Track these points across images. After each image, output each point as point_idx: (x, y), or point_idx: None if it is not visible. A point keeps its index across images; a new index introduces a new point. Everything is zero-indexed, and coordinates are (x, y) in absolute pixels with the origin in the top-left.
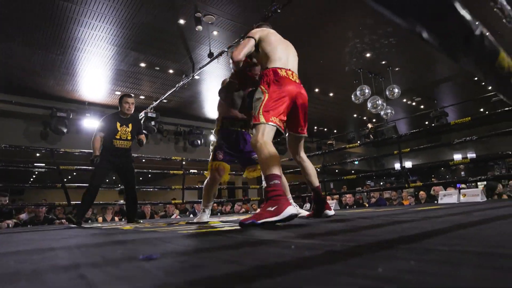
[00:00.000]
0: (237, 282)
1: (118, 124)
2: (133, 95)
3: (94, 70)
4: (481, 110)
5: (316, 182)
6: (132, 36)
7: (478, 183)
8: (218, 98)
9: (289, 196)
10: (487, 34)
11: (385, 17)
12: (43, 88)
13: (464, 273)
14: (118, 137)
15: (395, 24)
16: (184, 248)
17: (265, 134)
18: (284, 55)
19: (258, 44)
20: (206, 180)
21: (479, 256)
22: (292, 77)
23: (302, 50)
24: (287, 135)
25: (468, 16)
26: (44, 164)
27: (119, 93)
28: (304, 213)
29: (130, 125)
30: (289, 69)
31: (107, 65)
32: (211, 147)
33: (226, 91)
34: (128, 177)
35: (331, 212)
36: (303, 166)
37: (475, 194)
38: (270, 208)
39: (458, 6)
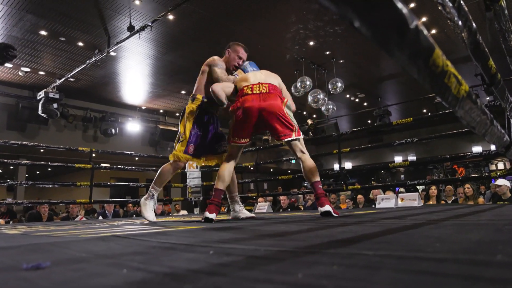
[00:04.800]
0: None
1: None
2: None
3: None
4: (424, 111)
5: (312, 178)
6: None
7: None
8: (200, 73)
9: (236, 193)
10: (423, 29)
11: (315, 0)
12: None
13: (381, 277)
14: None
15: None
16: (84, 255)
17: (232, 153)
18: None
19: None
20: (168, 164)
21: (399, 260)
22: (258, 90)
23: (239, 32)
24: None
25: (403, 8)
26: None
27: (10, 65)
28: (248, 214)
29: None
30: (256, 83)
31: None
32: (183, 133)
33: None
34: None
35: (322, 209)
36: (301, 165)
37: (412, 199)
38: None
39: None
